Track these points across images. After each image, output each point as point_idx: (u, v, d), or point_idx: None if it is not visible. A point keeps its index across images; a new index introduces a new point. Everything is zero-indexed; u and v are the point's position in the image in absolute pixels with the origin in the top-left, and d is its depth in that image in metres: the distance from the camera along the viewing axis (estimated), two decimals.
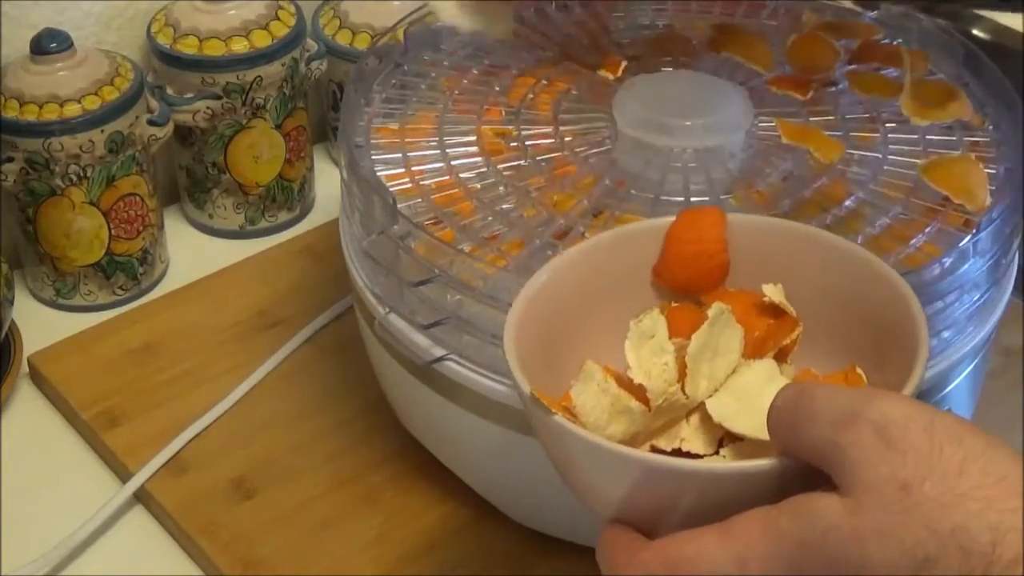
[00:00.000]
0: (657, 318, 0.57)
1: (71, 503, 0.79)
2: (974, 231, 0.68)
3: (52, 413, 0.86)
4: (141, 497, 0.80)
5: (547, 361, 0.58)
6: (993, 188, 0.71)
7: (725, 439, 0.56)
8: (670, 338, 0.57)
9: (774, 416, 0.50)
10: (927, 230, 0.69)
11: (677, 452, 0.56)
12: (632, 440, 0.55)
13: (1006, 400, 0.82)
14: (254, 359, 0.87)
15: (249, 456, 0.81)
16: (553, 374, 0.57)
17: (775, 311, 0.60)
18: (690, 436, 0.56)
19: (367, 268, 0.73)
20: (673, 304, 0.61)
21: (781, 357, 0.59)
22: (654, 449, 0.56)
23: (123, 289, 0.94)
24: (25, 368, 0.88)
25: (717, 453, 0.55)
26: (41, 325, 0.92)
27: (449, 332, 0.69)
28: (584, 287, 0.61)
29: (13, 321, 0.88)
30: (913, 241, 0.68)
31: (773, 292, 0.60)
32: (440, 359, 0.69)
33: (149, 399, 0.85)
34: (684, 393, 0.56)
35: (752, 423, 0.54)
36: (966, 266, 0.67)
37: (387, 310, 0.71)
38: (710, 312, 0.57)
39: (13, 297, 0.87)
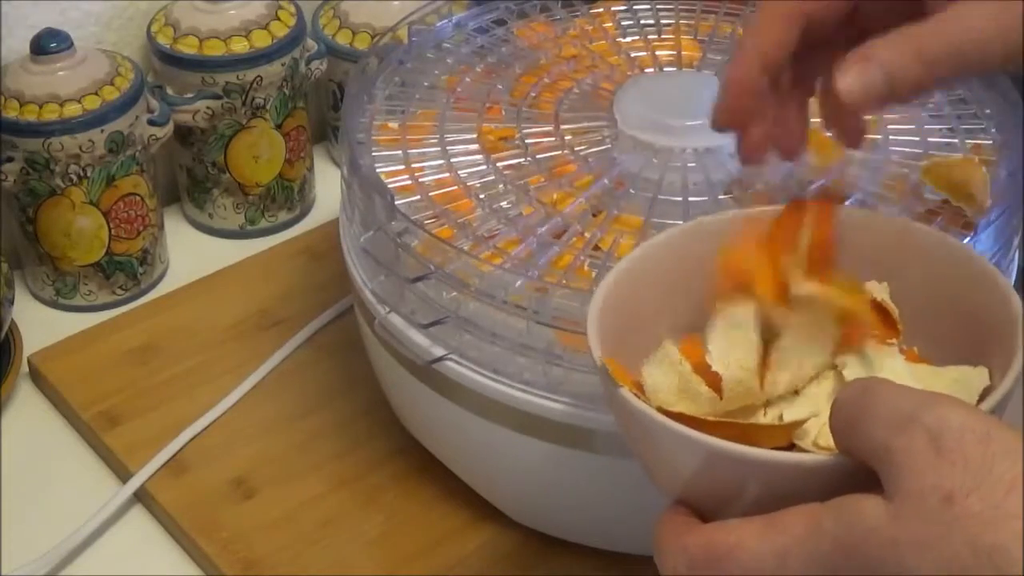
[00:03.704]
0: (748, 309, 0.56)
1: (71, 503, 0.79)
2: (973, 233, 0.68)
3: (52, 413, 0.86)
4: (141, 497, 0.80)
5: (624, 340, 0.57)
6: (993, 190, 0.71)
7: None
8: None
9: (836, 411, 0.49)
10: None
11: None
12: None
13: None
14: (254, 359, 0.87)
15: (249, 456, 0.81)
16: (629, 354, 0.56)
17: (878, 309, 0.59)
18: None
19: (367, 267, 0.73)
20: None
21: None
22: None
23: (123, 289, 0.94)
24: (25, 368, 0.88)
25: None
26: (41, 325, 0.92)
27: (449, 331, 0.69)
28: (679, 269, 0.60)
29: (13, 321, 0.88)
30: None
31: (877, 290, 0.59)
32: (440, 359, 0.69)
33: (149, 399, 0.85)
34: (761, 387, 0.55)
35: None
36: None
37: (387, 310, 0.71)
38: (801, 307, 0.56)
39: (13, 297, 0.87)
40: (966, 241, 0.67)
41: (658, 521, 0.52)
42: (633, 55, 0.83)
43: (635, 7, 0.88)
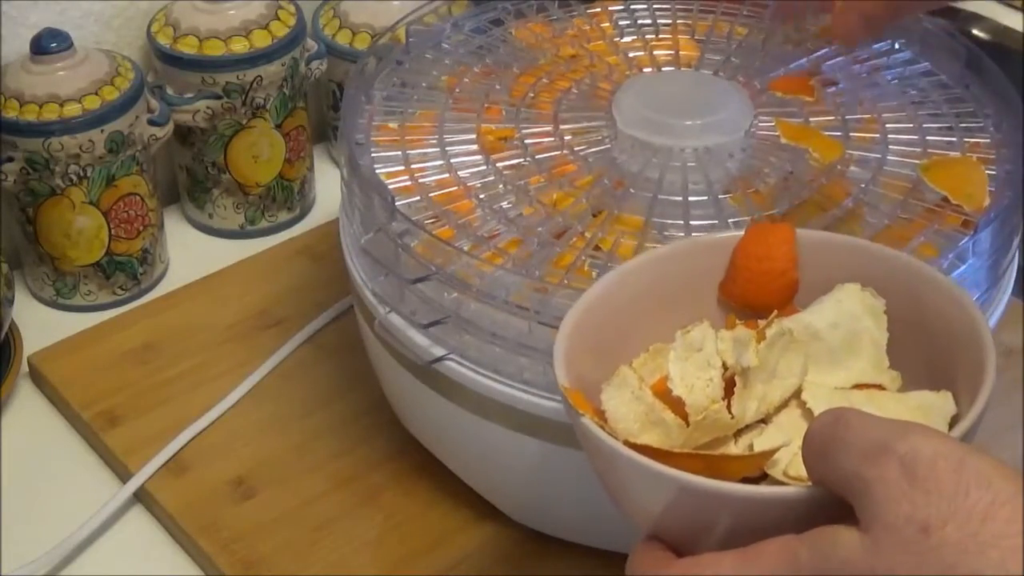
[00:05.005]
0: (706, 331, 0.56)
1: (71, 503, 0.79)
2: (972, 232, 0.68)
3: (52, 413, 0.86)
4: (141, 497, 0.80)
5: (599, 368, 0.57)
6: (993, 189, 0.71)
7: None
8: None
9: (808, 441, 0.49)
10: (926, 231, 0.69)
11: None
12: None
13: (1006, 400, 0.82)
14: (254, 359, 0.87)
15: (249, 456, 0.81)
16: (603, 381, 0.56)
17: None
18: None
19: (367, 267, 0.73)
20: (739, 321, 0.60)
21: None
22: None
23: (123, 289, 0.94)
24: (25, 368, 0.88)
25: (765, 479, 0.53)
26: (41, 325, 0.92)
27: (449, 331, 0.69)
28: (647, 297, 0.60)
29: (13, 321, 0.88)
30: (912, 242, 0.68)
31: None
32: (440, 359, 0.69)
33: (149, 399, 0.85)
34: (730, 412, 0.54)
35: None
36: (965, 266, 0.67)
37: (387, 310, 0.71)
38: (770, 332, 0.56)
39: (13, 297, 0.87)
40: (964, 241, 0.67)
41: (632, 555, 0.52)
42: (631, 55, 0.83)
43: (632, 7, 0.88)
